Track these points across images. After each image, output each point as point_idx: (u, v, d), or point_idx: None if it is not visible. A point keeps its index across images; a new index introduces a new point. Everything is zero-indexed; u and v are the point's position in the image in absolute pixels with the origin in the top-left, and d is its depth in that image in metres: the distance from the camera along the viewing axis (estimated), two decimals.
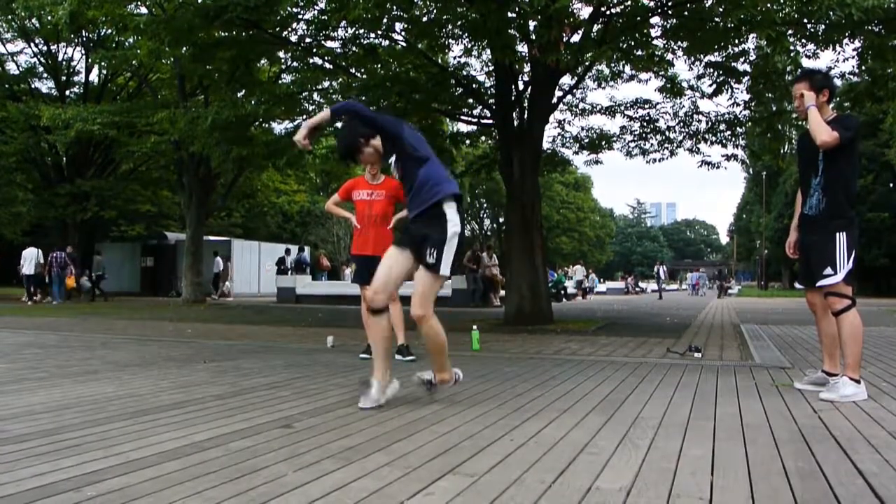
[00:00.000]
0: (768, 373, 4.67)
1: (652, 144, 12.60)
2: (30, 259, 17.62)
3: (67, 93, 23.90)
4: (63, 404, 3.40)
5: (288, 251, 24.74)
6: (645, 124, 12.35)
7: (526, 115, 9.86)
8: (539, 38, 7.63)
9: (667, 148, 12.47)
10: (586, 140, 12.98)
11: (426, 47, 10.23)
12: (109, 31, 15.56)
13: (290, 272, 22.17)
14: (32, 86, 23.53)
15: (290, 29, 10.27)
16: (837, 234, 3.60)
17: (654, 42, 9.20)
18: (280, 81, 15.09)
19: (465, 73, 11.89)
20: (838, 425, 2.93)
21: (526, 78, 10.32)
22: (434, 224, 3.33)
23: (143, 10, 12.54)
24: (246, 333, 8.23)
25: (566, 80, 11.15)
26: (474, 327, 6.45)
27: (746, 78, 10.38)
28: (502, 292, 15.38)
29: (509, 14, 7.82)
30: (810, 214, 3.76)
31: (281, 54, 12.59)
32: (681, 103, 11.77)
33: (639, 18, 8.50)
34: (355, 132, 3.60)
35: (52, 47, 22.87)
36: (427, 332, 3.38)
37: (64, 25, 9.52)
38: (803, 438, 2.70)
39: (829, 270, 3.57)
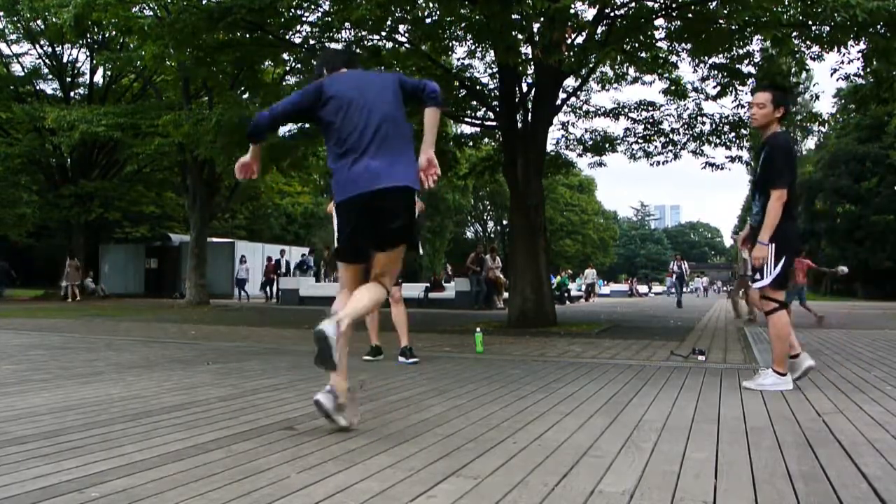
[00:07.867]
0: None
1: (656, 147, 12.59)
2: None
3: (72, 94, 23.95)
4: (66, 406, 3.41)
5: (283, 252, 25.37)
6: (649, 126, 12.33)
7: (530, 117, 9.85)
8: (541, 39, 7.64)
9: (671, 150, 12.46)
10: (590, 142, 12.98)
11: (430, 49, 10.23)
12: (114, 33, 15.60)
13: (309, 271, 22.74)
14: (37, 87, 23.59)
15: (294, 31, 10.29)
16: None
17: (658, 44, 9.19)
18: (284, 83, 15.13)
19: (468, 74, 11.89)
20: (842, 429, 2.92)
21: (530, 80, 10.32)
22: None
23: (148, 12, 12.58)
24: (249, 335, 8.24)
25: (570, 83, 11.15)
26: (478, 329, 6.46)
27: (751, 80, 10.36)
28: (505, 294, 15.37)
29: (513, 16, 7.82)
30: (752, 225, 4.12)
31: (285, 56, 12.62)
32: (685, 105, 11.76)
33: (643, 20, 8.50)
34: None
35: (56, 49, 22.94)
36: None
37: (68, 28, 9.56)
38: (807, 442, 2.69)
39: (758, 276, 3.98)
